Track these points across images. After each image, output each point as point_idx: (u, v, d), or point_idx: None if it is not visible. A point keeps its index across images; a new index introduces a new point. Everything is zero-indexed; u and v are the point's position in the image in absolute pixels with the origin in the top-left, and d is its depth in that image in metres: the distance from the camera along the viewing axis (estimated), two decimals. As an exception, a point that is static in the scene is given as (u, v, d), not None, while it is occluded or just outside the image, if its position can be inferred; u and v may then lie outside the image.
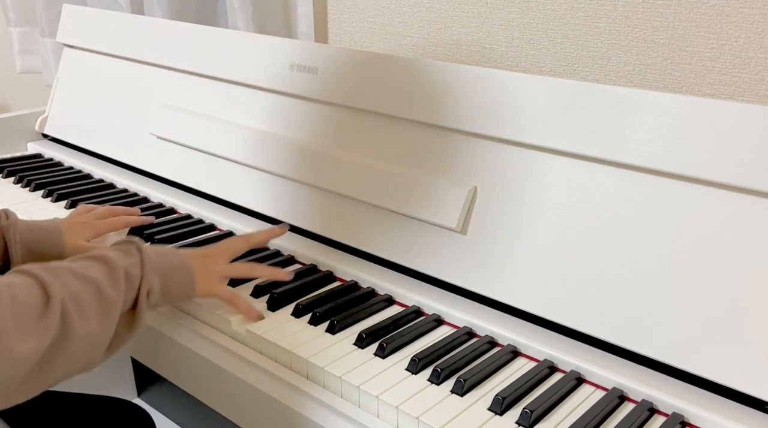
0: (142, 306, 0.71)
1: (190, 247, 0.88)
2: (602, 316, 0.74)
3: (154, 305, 0.75)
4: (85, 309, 0.65)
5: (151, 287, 0.73)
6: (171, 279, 0.77)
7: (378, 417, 0.68)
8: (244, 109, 1.10)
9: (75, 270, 0.67)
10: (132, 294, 0.71)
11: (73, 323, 0.63)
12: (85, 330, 0.64)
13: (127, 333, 0.71)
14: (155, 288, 0.74)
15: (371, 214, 0.92)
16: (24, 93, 2.28)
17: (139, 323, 0.71)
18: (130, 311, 0.71)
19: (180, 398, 1.66)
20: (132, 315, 0.71)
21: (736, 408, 0.66)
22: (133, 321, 0.71)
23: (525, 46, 1.14)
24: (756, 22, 0.92)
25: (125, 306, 0.70)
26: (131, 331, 0.71)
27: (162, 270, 0.76)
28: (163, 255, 0.78)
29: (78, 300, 0.64)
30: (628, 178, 0.74)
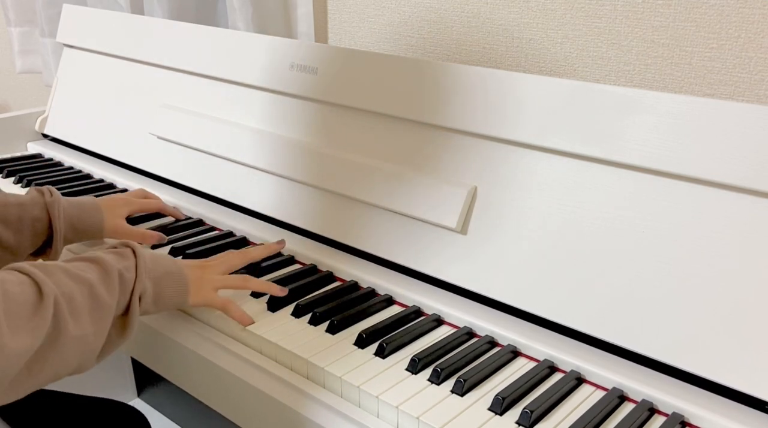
0: (134, 310, 0.71)
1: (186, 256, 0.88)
2: (602, 316, 0.74)
3: (145, 311, 0.74)
4: (78, 309, 0.64)
5: (144, 291, 0.72)
6: (164, 286, 0.76)
7: (378, 417, 0.68)
8: (244, 109, 1.10)
9: (69, 271, 0.67)
10: (125, 297, 0.70)
11: (65, 322, 0.62)
12: (78, 331, 0.64)
13: (118, 338, 0.70)
14: (148, 293, 0.73)
15: (371, 214, 0.92)
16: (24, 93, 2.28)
17: (131, 328, 0.71)
18: (122, 316, 0.71)
19: (180, 398, 1.66)
20: (124, 320, 0.71)
21: (736, 408, 0.66)
22: (125, 326, 0.71)
23: (525, 46, 1.14)
24: (756, 22, 0.92)
25: (118, 309, 0.69)
26: (123, 336, 0.71)
27: (156, 275, 0.75)
28: (159, 261, 0.77)
29: (71, 300, 0.64)
30: (628, 178, 0.74)
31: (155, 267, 0.75)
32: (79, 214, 0.94)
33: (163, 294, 0.76)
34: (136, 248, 0.75)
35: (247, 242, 1.02)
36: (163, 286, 0.76)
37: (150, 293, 0.74)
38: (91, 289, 0.66)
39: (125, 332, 0.71)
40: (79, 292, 0.65)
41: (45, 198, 0.91)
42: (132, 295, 0.71)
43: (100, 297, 0.67)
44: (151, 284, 0.74)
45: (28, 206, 0.90)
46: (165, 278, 0.76)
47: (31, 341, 0.59)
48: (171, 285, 0.77)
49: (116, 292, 0.69)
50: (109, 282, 0.69)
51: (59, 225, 0.90)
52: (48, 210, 0.90)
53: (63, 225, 0.91)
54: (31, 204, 0.90)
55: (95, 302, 0.66)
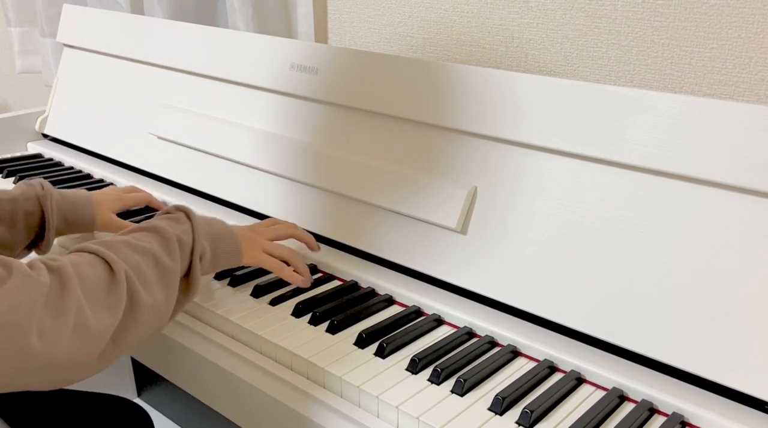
0: (196, 271, 0.74)
1: None
2: (602, 316, 0.74)
3: (205, 271, 0.77)
4: (148, 280, 0.67)
5: (203, 252, 0.76)
6: (219, 246, 0.79)
7: (378, 417, 0.68)
8: (244, 109, 1.10)
9: (131, 244, 0.69)
10: (186, 260, 0.73)
11: (139, 295, 0.65)
12: (151, 299, 0.67)
13: (185, 299, 0.74)
14: (207, 254, 0.76)
15: (371, 213, 0.92)
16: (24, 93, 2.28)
17: (195, 288, 0.74)
18: (185, 277, 0.74)
19: (180, 398, 1.66)
20: (187, 281, 0.74)
21: (736, 408, 0.66)
22: (189, 286, 0.74)
23: (525, 46, 1.14)
24: (756, 22, 0.92)
25: (182, 272, 0.73)
26: (188, 296, 0.74)
27: (211, 236, 0.79)
28: (212, 224, 0.81)
29: (140, 273, 0.67)
30: (628, 178, 0.74)
31: (210, 230, 0.79)
32: (71, 207, 0.95)
33: (219, 254, 0.79)
34: (189, 211, 0.78)
35: (247, 242, 1.02)
36: (219, 246, 0.79)
37: (208, 254, 0.77)
38: (156, 258, 0.69)
39: (189, 292, 0.74)
40: (145, 263, 0.68)
41: (36, 191, 0.92)
42: (192, 257, 0.74)
43: (165, 265, 0.70)
44: (208, 245, 0.77)
45: (20, 201, 0.90)
46: (219, 239, 0.80)
47: (112, 318, 0.63)
48: (225, 245, 0.80)
49: (178, 257, 0.72)
50: (170, 249, 0.71)
51: (52, 219, 0.91)
52: (40, 203, 0.91)
53: (55, 218, 0.92)
54: (23, 198, 0.91)
55: (161, 270, 0.69)
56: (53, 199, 0.92)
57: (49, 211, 0.91)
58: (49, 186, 0.93)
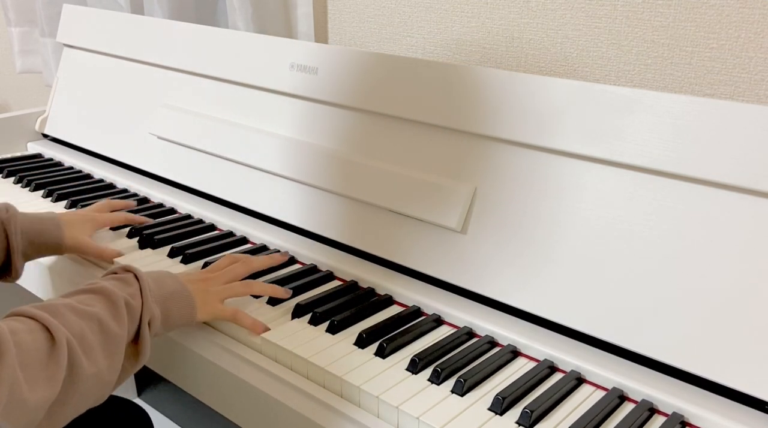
0: (145, 336, 0.70)
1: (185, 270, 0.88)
2: (602, 316, 0.74)
3: (155, 334, 0.73)
4: (92, 347, 0.63)
5: (152, 316, 0.71)
6: (171, 306, 0.74)
7: (378, 417, 0.68)
8: (244, 109, 1.10)
9: (75, 308, 0.65)
10: (134, 325, 0.69)
11: (80, 363, 0.61)
12: (93, 368, 0.63)
13: (131, 367, 0.70)
14: (156, 317, 0.72)
15: (371, 213, 0.92)
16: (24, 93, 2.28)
17: (143, 355, 0.70)
18: (133, 343, 0.70)
19: (180, 398, 1.66)
20: (135, 347, 0.70)
21: (736, 408, 0.66)
22: (137, 353, 0.70)
23: (525, 46, 1.14)
24: (756, 22, 0.92)
25: (128, 337, 0.68)
26: (136, 363, 0.70)
27: (162, 297, 0.74)
28: (162, 282, 0.75)
29: (83, 339, 0.63)
30: (628, 177, 0.74)
31: (160, 289, 0.74)
32: (39, 229, 0.91)
33: (171, 315, 0.74)
34: (138, 272, 0.73)
35: (246, 242, 1.02)
36: (170, 307, 0.74)
37: (158, 316, 0.72)
38: (100, 324, 0.65)
39: (137, 359, 0.70)
40: (89, 329, 0.64)
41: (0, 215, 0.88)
42: (141, 322, 0.69)
43: (111, 331, 0.66)
44: (158, 307, 0.72)
45: None
46: (170, 298, 0.74)
47: (50, 390, 0.59)
48: (177, 304, 0.75)
49: (125, 322, 0.67)
50: (117, 313, 0.67)
51: (16, 242, 0.88)
52: (4, 226, 0.87)
53: (20, 242, 0.88)
54: None
55: (106, 336, 0.65)
56: (17, 222, 0.88)
57: (13, 234, 0.87)
58: (14, 208, 0.90)
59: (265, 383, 0.75)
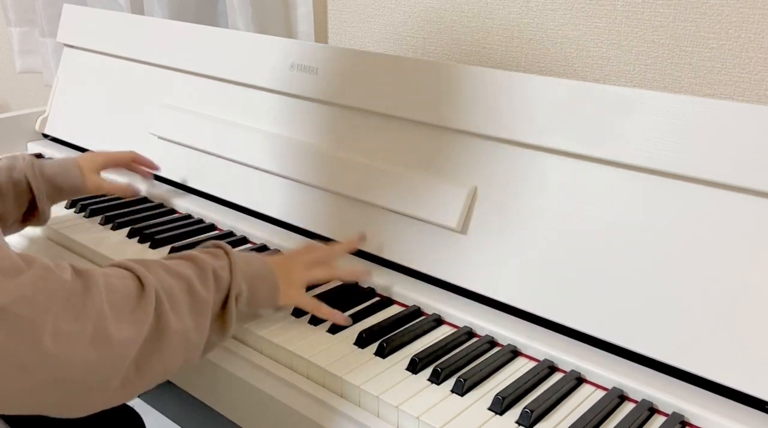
0: (231, 309, 0.70)
1: None
2: (602, 316, 0.74)
3: (241, 312, 0.72)
4: (179, 304, 0.65)
5: (239, 292, 0.71)
6: (257, 287, 0.74)
7: (378, 416, 0.68)
8: (244, 109, 1.10)
9: (167, 266, 0.67)
10: (221, 295, 0.70)
11: (167, 316, 0.62)
12: (179, 325, 0.64)
13: (218, 338, 0.70)
14: (243, 294, 0.72)
15: (371, 213, 0.92)
16: (24, 93, 2.28)
17: (229, 327, 0.70)
18: (220, 315, 0.70)
19: (180, 398, 1.66)
20: (222, 319, 0.70)
21: (736, 408, 0.66)
22: (223, 326, 0.70)
23: (525, 46, 1.14)
24: (756, 22, 0.92)
25: (215, 307, 0.69)
26: (221, 335, 0.70)
27: (249, 276, 0.74)
28: (250, 262, 0.75)
29: (171, 295, 0.64)
30: (628, 177, 0.74)
31: (248, 269, 0.74)
32: (57, 171, 0.97)
33: (257, 296, 0.75)
34: (228, 249, 0.74)
35: (247, 241, 1.02)
36: (257, 287, 0.74)
37: (245, 294, 0.72)
38: (189, 285, 0.67)
39: (224, 331, 0.70)
40: (178, 287, 0.66)
41: (18, 162, 0.94)
42: (228, 295, 0.70)
43: (198, 293, 0.67)
44: (246, 285, 0.73)
45: (4, 171, 0.92)
46: (257, 279, 0.75)
47: (136, 332, 0.59)
48: (263, 286, 0.75)
49: (212, 289, 0.68)
50: (205, 279, 0.68)
51: (38, 186, 0.93)
52: (25, 172, 0.93)
53: (43, 185, 0.93)
54: (6, 169, 0.93)
55: (193, 297, 0.66)
56: (36, 166, 0.94)
57: (34, 178, 0.92)
58: (31, 156, 0.96)
59: (265, 383, 0.75)
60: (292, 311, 0.83)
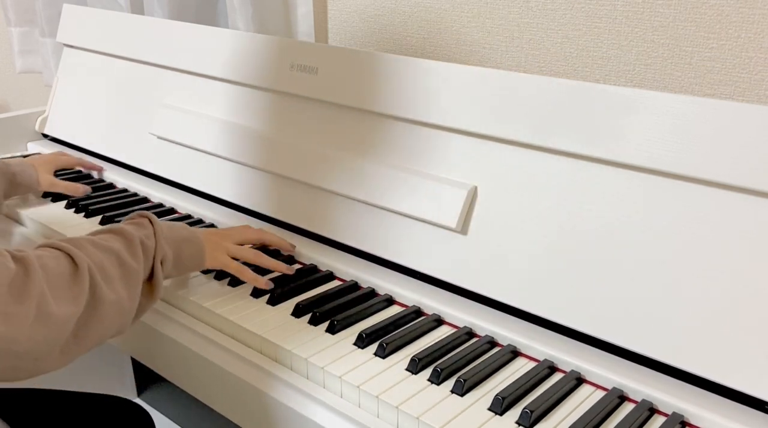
0: (158, 274, 0.76)
1: None
2: (602, 316, 0.74)
3: (168, 274, 0.80)
4: (110, 276, 0.69)
5: (164, 256, 0.78)
6: (182, 250, 0.81)
7: (378, 417, 0.68)
8: (244, 109, 1.10)
9: (95, 242, 0.71)
10: (149, 263, 0.75)
11: (101, 289, 0.67)
12: (113, 295, 0.69)
13: (147, 302, 0.76)
14: (168, 258, 0.78)
15: (372, 213, 0.92)
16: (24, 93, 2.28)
17: (157, 291, 0.76)
18: (148, 281, 0.76)
19: (180, 398, 1.66)
20: (150, 284, 0.76)
21: (736, 408, 0.66)
22: (152, 290, 0.76)
23: (525, 46, 1.14)
24: (756, 22, 0.92)
25: (144, 274, 0.74)
26: (151, 299, 0.76)
27: (174, 241, 0.80)
28: (175, 229, 0.82)
29: (103, 269, 0.69)
30: (628, 177, 0.74)
31: (172, 234, 0.81)
32: (15, 171, 1.05)
33: (183, 258, 0.81)
34: (152, 217, 0.80)
35: (247, 242, 1.02)
36: (182, 250, 0.81)
37: (170, 258, 0.79)
38: (118, 257, 0.72)
39: (152, 295, 0.76)
40: (108, 261, 0.70)
41: None
42: (154, 260, 0.76)
43: (128, 264, 0.72)
44: (170, 249, 0.79)
45: None
46: (183, 243, 0.82)
47: (74, 308, 0.65)
48: (189, 249, 0.82)
49: (141, 259, 0.74)
50: (133, 250, 0.74)
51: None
52: None
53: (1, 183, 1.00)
54: None
55: (124, 269, 0.71)
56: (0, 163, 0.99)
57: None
58: None
59: (264, 382, 0.75)
60: (291, 311, 0.83)
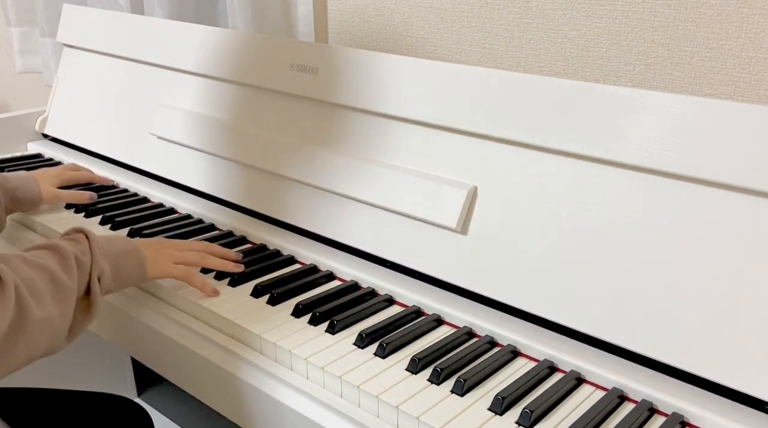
0: (95, 290, 0.74)
1: None
2: (602, 316, 0.74)
3: (107, 290, 0.78)
4: (41, 294, 0.68)
5: (101, 272, 0.76)
6: (122, 264, 0.80)
7: (378, 417, 0.68)
8: (244, 109, 1.10)
9: (27, 259, 0.70)
10: (84, 279, 0.74)
11: (29, 307, 0.65)
12: (42, 313, 0.67)
13: (84, 319, 0.74)
14: (106, 273, 0.77)
15: (372, 214, 0.92)
16: (24, 93, 2.28)
17: (95, 308, 0.74)
18: (85, 297, 0.74)
19: (180, 398, 1.66)
20: (87, 300, 0.74)
21: (736, 408, 0.66)
22: (89, 306, 0.74)
23: (525, 46, 1.14)
24: (756, 22, 0.92)
25: (80, 291, 0.73)
26: (89, 316, 0.74)
27: (112, 255, 0.79)
28: (113, 242, 0.81)
29: (32, 286, 0.67)
30: (628, 178, 0.74)
31: (110, 248, 0.79)
32: (16, 185, 1.02)
33: (122, 272, 0.80)
34: (89, 232, 0.78)
35: (246, 241, 1.02)
36: (121, 264, 0.79)
37: (108, 273, 0.77)
38: (51, 275, 0.70)
39: (90, 312, 0.74)
40: (39, 278, 0.69)
41: None
42: (90, 277, 0.74)
43: (61, 281, 0.70)
44: (108, 264, 0.77)
45: None
46: (121, 256, 0.80)
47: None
48: (128, 262, 0.81)
49: (75, 275, 0.72)
50: (67, 266, 0.72)
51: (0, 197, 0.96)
52: None
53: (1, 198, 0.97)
54: None
55: (56, 286, 0.70)
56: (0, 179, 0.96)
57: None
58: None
59: (263, 382, 0.75)
60: (292, 311, 0.83)
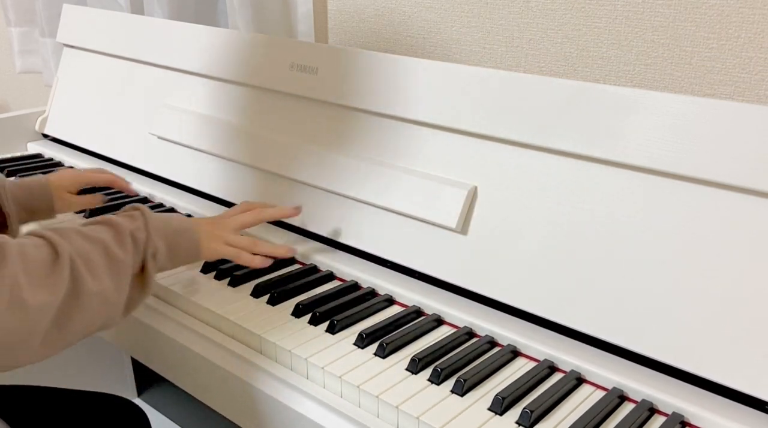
0: (150, 267, 0.75)
1: None
2: (602, 316, 0.74)
3: (161, 267, 0.78)
4: (95, 267, 0.68)
5: (156, 249, 0.76)
6: (176, 242, 0.80)
7: (378, 417, 0.68)
8: (244, 109, 1.10)
9: (83, 232, 0.70)
10: (139, 256, 0.74)
11: (83, 279, 0.66)
12: (97, 286, 0.67)
13: (139, 295, 0.74)
14: (161, 251, 0.77)
15: (372, 214, 0.92)
16: (24, 93, 2.28)
17: (149, 284, 0.75)
18: (140, 274, 0.74)
19: (180, 398, 1.66)
20: (142, 278, 0.75)
21: (736, 408, 0.66)
22: (143, 283, 0.74)
23: (525, 46, 1.14)
24: (756, 22, 0.92)
25: (134, 267, 0.73)
26: (143, 293, 0.75)
27: (167, 233, 0.79)
28: (168, 221, 0.81)
29: (87, 259, 0.68)
30: (628, 178, 0.74)
31: (166, 227, 0.79)
32: (28, 193, 0.98)
33: (177, 251, 0.80)
34: (145, 210, 0.79)
35: (247, 242, 1.02)
36: (176, 243, 0.80)
37: (163, 251, 0.77)
38: (105, 248, 0.70)
39: (144, 289, 0.75)
40: (94, 251, 0.69)
41: None
42: (145, 254, 0.75)
43: (115, 255, 0.71)
44: (163, 243, 0.78)
45: None
46: (176, 235, 0.80)
47: (50, 297, 0.63)
48: (183, 242, 0.81)
49: (130, 251, 0.73)
50: (122, 242, 0.72)
51: (9, 207, 0.93)
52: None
53: (13, 206, 0.94)
54: None
55: (111, 260, 0.70)
56: (6, 188, 0.94)
57: (4, 199, 0.93)
58: (2, 177, 0.95)
59: (262, 382, 0.75)
60: (292, 311, 0.83)
